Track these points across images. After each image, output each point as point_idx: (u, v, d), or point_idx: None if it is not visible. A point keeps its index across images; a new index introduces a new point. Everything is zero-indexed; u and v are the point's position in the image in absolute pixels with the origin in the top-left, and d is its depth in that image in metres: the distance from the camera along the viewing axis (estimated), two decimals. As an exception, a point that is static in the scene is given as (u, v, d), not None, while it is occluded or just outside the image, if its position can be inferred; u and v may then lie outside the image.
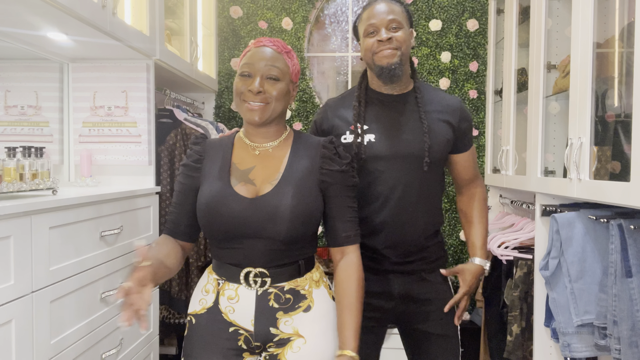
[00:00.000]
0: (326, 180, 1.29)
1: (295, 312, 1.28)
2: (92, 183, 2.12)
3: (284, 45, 1.32)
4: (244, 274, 1.26)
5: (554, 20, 2.19)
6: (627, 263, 1.53)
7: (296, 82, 1.36)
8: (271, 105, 1.27)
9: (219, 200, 1.24)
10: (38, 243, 1.38)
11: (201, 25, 2.98)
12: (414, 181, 1.49)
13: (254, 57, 1.28)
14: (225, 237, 1.26)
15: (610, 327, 1.57)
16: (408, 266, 1.53)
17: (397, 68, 1.46)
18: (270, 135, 1.33)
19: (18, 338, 1.30)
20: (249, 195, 1.25)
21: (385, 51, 1.45)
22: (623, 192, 1.41)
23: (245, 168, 1.30)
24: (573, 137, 1.70)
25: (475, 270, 1.58)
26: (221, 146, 1.35)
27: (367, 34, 1.48)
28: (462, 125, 1.56)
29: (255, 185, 1.27)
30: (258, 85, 1.25)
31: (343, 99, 1.60)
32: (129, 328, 1.88)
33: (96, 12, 1.72)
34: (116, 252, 1.80)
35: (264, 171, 1.29)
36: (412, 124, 1.51)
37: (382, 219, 1.49)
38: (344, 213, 1.31)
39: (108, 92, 2.22)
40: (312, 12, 3.14)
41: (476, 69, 3.06)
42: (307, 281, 1.31)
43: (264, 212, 1.23)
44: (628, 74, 1.64)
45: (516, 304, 2.14)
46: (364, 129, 1.50)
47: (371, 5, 1.50)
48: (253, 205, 1.23)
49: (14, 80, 2.07)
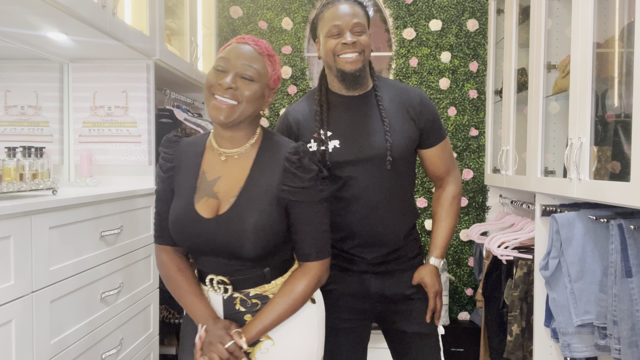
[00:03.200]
0: (286, 197, 1.21)
1: None
2: (92, 183, 2.12)
3: (268, 47, 1.26)
4: (209, 279, 1.27)
5: (554, 20, 2.19)
6: (627, 263, 1.53)
7: (273, 89, 1.28)
8: (241, 105, 1.19)
9: (182, 221, 1.23)
10: (38, 243, 1.38)
11: (201, 25, 2.98)
12: (383, 182, 1.49)
13: (231, 53, 1.21)
14: (192, 250, 1.27)
15: (610, 327, 1.57)
16: (383, 266, 1.53)
17: (360, 74, 1.47)
18: (237, 140, 1.25)
19: (18, 338, 1.30)
20: (209, 213, 1.21)
21: (348, 56, 1.44)
22: (623, 192, 1.41)
23: (212, 179, 1.25)
24: (573, 137, 1.70)
25: (431, 271, 1.55)
26: (194, 149, 1.30)
27: (331, 35, 1.46)
28: (424, 118, 1.52)
29: (218, 199, 1.23)
30: (229, 81, 1.17)
31: (303, 104, 1.58)
32: (128, 328, 1.89)
33: (96, 12, 1.72)
34: (116, 252, 1.80)
35: (227, 183, 1.24)
36: (375, 124, 1.49)
37: (354, 221, 1.49)
38: (307, 229, 1.24)
39: (108, 92, 2.22)
40: (312, 12, 3.14)
41: (476, 69, 3.06)
42: (276, 287, 1.28)
43: (224, 233, 1.19)
44: (628, 74, 1.64)
45: (516, 304, 2.14)
46: (327, 135, 1.49)
47: (334, 5, 1.48)
48: (213, 226, 1.20)
49: (14, 80, 2.07)
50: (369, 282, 1.53)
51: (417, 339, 1.55)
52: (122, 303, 1.85)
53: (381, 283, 1.53)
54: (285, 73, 3.14)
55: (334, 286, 1.55)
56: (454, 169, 1.63)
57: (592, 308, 1.72)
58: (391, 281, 1.54)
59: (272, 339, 1.28)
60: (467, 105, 3.07)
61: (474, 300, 3.11)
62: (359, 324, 1.58)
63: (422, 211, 3.10)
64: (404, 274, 1.55)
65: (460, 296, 3.11)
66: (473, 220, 3.09)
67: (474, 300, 3.11)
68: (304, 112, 1.55)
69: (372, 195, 1.49)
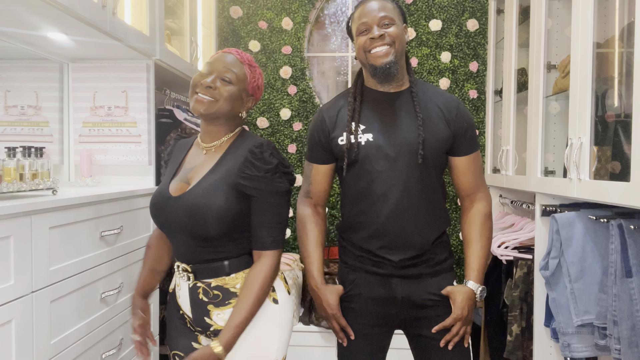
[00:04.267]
0: (243, 183, 1.30)
1: (226, 307, 1.34)
2: (92, 183, 2.12)
3: (251, 59, 1.39)
4: (176, 266, 1.39)
5: (554, 20, 2.19)
6: (627, 263, 1.53)
7: (252, 95, 1.40)
8: (219, 102, 1.33)
9: (155, 199, 1.38)
10: (38, 243, 1.38)
11: (201, 25, 2.98)
12: (413, 181, 1.45)
13: (215, 59, 1.37)
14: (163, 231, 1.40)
15: (610, 327, 1.57)
16: (410, 270, 1.49)
17: (391, 67, 1.44)
18: (214, 134, 1.39)
19: (18, 338, 1.30)
20: (175, 193, 1.35)
21: (378, 49, 1.43)
22: (623, 192, 1.41)
23: (189, 167, 1.40)
24: (573, 137, 1.70)
25: (466, 293, 1.47)
26: (184, 146, 1.48)
27: (360, 33, 1.47)
28: (459, 123, 1.50)
29: (188, 183, 1.36)
30: (210, 81, 1.32)
31: (337, 101, 1.57)
32: (128, 328, 1.89)
33: (96, 12, 1.72)
34: (116, 252, 1.80)
35: (199, 170, 1.37)
36: (408, 120, 1.48)
37: (382, 220, 1.46)
38: (262, 218, 1.32)
39: (108, 92, 2.22)
40: (312, 12, 3.14)
41: (476, 69, 3.06)
42: (238, 280, 1.34)
43: (180, 210, 1.31)
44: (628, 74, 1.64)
45: (516, 304, 2.14)
46: (361, 128, 1.48)
47: (363, 3, 1.49)
48: (173, 203, 1.32)
49: (14, 80, 2.07)
50: (395, 286, 1.49)
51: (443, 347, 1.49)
52: (122, 303, 1.85)
53: (408, 287, 1.48)
54: (285, 73, 3.14)
55: (360, 290, 1.51)
56: (484, 187, 1.58)
57: (592, 308, 1.72)
58: (419, 286, 1.49)
59: None
60: (467, 105, 3.07)
61: (474, 300, 3.11)
62: (383, 330, 1.54)
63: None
64: (433, 279, 1.50)
65: (460, 296, 3.11)
66: (473, 220, 3.08)
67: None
68: (338, 107, 1.55)
69: (402, 193, 1.45)
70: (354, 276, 1.53)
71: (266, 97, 3.16)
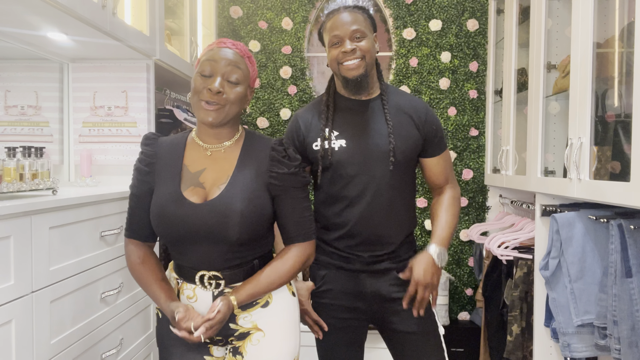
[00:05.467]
0: (274, 182, 1.29)
1: (254, 308, 1.32)
2: (92, 183, 2.12)
3: (246, 49, 1.34)
4: (199, 276, 1.29)
5: (554, 20, 2.19)
6: (627, 263, 1.53)
7: (253, 88, 1.37)
8: (226, 108, 1.26)
9: (169, 207, 1.26)
10: (38, 243, 1.38)
11: (201, 25, 2.98)
12: (385, 184, 1.51)
13: (216, 57, 1.27)
14: (178, 241, 1.28)
15: (610, 327, 1.57)
16: (378, 265, 1.54)
17: (362, 80, 1.50)
18: (222, 136, 1.33)
19: (18, 338, 1.30)
20: (198, 200, 1.26)
21: (350, 62, 1.48)
22: (623, 192, 1.41)
23: (196, 170, 1.30)
24: (573, 137, 1.70)
25: (423, 257, 1.49)
26: (173, 146, 1.35)
27: (332, 45, 1.51)
28: (428, 126, 1.56)
29: (204, 188, 1.28)
30: (218, 85, 1.24)
31: (312, 107, 1.62)
32: (128, 328, 1.89)
33: (96, 12, 1.72)
34: (116, 252, 1.80)
35: (214, 174, 1.30)
36: (379, 127, 1.53)
37: (354, 221, 1.51)
38: (294, 213, 1.32)
39: (108, 92, 2.22)
40: (312, 12, 3.14)
41: (476, 69, 3.06)
42: None
43: (213, 217, 1.23)
44: (628, 74, 1.64)
45: (516, 304, 2.14)
46: (334, 134, 1.53)
47: (334, 14, 1.52)
48: (202, 211, 1.24)
49: (14, 80, 2.07)
50: (364, 281, 1.54)
51: (415, 339, 1.54)
52: (122, 303, 1.85)
53: (376, 282, 1.54)
54: (285, 73, 3.14)
55: (330, 286, 1.56)
56: (453, 179, 1.66)
57: (592, 308, 1.72)
58: (385, 280, 1.54)
59: (262, 331, 1.32)
60: (467, 105, 3.07)
61: (474, 300, 3.11)
62: (355, 323, 1.58)
63: (422, 211, 3.10)
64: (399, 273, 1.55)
65: (460, 296, 3.11)
66: (473, 220, 3.09)
67: (474, 300, 3.11)
68: (313, 114, 1.59)
69: (373, 196, 1.51)
70: (324, 272, 1.58)
71: (266, 97, 3.16)
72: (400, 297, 1.53)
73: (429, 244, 1.54)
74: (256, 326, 1.32)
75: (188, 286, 1.32)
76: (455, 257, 3.10)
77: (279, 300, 1.35)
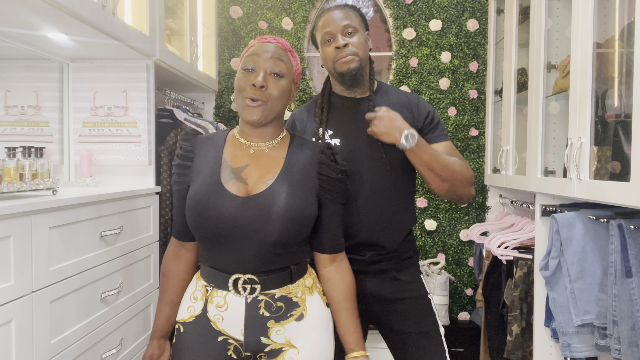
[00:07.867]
0: (323, 186, 1.27)
1: (287, 321, 1.25)
2: (92, 183, 2.12)
3: (287, 44, 1.31)
4: (233, 280, 1.22)
5: (554, 20, 2.19)
6: (627, 263, 1.53)
7: (297, 84, 1.34)
8: (270, 103, 1.23)
9: (208, 198, 1.19)
10: (38, 243, 1.38)
11: (201, 25, 2.98)
12: (380, 182, 1.50)
13: (259, 50, 1.25)
14: (214, 238, 1.21)
15: (610, 327, 1.57)
16: (378, 265, 1.54)
17: (356, 73, 1.49)
18: (267, 135, 1.29)
19: (18, 338, 1.30)
20: (240, 193, 1.21)
21: (343, 57, 1.47)
22: (623, 192, 1.41)
23: (238, 166, 1.25)
24: (573, 137, 1.70)
25: (393, 116, 1.42)
26: (212, 143, 1.31)
27: (324, 42, 1.51)
28: (421, 113, 1.54)
29: (247, 184, 1.23)
30: (262, 79, 1.21)
31: (308, 106, 1.62)
32: (128, 328, 1.89)
33: (96, 12, 1.72)
34: (116, 252, 1.80)
35: (258, 170, 1.25)
36: None
37: (351, 221, 1.50)
38: (334, 221, 1.31)
39: (108, 92, 2.22)
40: (312, 12, 3.14)
41: (476, 69, 3.06)
42: (299, 288, 1.27)
43: (255, 212, 1.18)
44: (628, 74, 1.64)
45: (516, 304, 2.14)
46: (329, 133, 1.53)
47: (325, 13, 1.53)
48: (244, 205, 1.19)
49: (14, 80, 2.07)
50: (364, 282, 1.53)
51: (416, 339, 1.54)
52: (122, 303, 1.85)
53: (376, 283, 1.54)
54: (285, 73, 3.13)
55: None
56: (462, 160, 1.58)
57: (592, 308, 1.72)
58: (386, 281, 1.54)
59: (296, 348, 1.25)
60: (467, 105, 3.07)
61: (474, 300, 3.11)
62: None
63: (422, 211, 3.10)
64: (400, 274, 1.56)
65: (460, 296, 3.11)
66: (473, 220, 3.09)
67: (474, 300, 3.11)
68: (308, 113, 1.60)
69: (369, 195, 1.50)
70: None
71: (266, 97, 3.15)
72: (401, 297, 1.53)
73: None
74: (289, 342, 1.24)
75: (218, 293, 1.25)
76: (455, 257, 3.10)
77: (314, 311, 1.28)
